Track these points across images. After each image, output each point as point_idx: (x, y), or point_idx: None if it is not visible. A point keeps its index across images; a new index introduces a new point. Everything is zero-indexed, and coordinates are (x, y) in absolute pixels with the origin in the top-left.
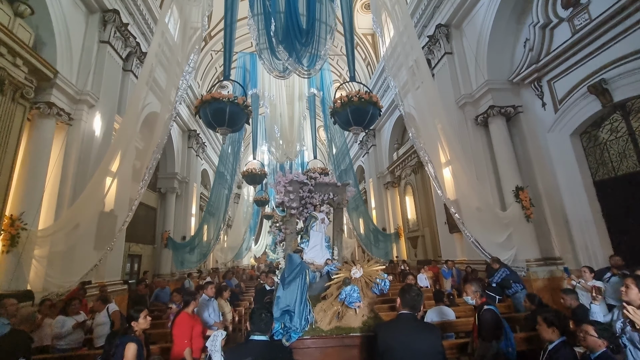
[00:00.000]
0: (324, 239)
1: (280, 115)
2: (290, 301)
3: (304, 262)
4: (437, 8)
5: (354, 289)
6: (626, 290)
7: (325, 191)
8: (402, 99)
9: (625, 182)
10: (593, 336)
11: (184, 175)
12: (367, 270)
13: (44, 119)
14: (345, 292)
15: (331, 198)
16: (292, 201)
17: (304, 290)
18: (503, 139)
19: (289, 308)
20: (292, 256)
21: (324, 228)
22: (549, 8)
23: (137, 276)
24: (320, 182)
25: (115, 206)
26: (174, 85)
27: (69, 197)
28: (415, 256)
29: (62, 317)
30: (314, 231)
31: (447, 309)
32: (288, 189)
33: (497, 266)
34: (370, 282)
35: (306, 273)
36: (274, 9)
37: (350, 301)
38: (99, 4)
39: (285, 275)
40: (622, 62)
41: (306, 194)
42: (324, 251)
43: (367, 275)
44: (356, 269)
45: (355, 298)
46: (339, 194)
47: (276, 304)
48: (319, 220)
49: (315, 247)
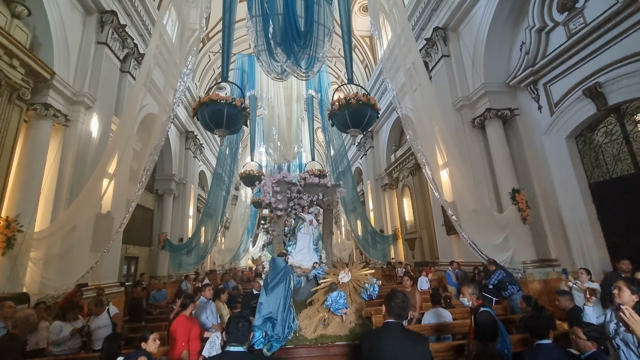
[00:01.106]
0: (312, 241)
1: (278, 117)
2: (273, 308)
3: (289, 266)
4: (434, 11)
5: (341, 295)
6: (619, 292)
7: (314, 192)
8: (399, 101)
9: (620, 185)
10: (582, 339)
11: (181, 177)
12: (356, 275)
13: (41, 121)
14: (331, 298)
15: (321, 199)
16: (280, 202)
17: (287, 296)
18: (500, 141)
19: (271, 315)
20: (276, 260)
21: (312, 230)
22: (544, 12)
23: (133, 278)
24: (310, 182)
25: (112, 208)
26: (171, 87)
27: (66, 199)
28: (413, 258)
29: (60, 322)
30: (301, 233)
31: (444, 310)
32: (275, 189)
33: (493, 268)
34: (358, 287)
35: (290, 278)
36: (272, 11)
37: (337, 308)
38: (96, 5)
39: (268, 280)
40: (617, 65)
41: (295, 194)
42: (312, 254)
43: (355, 279)
44: (344, 273)
45: (341, 304)
46: (328, 195)
47: (258, 311)
48: (307, 222)
49: (302, 250)
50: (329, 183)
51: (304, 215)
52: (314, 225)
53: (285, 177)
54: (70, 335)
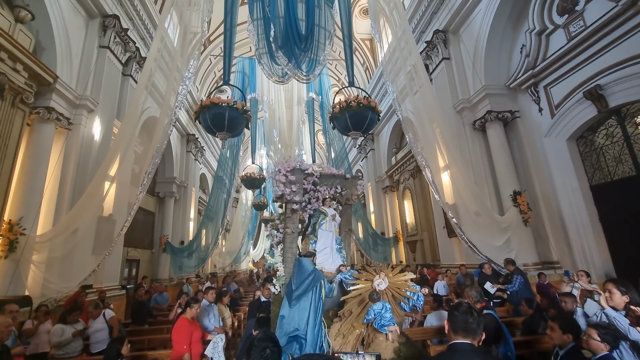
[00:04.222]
0: (335, 240)
1: (279, 120)
2: (300, 323)
3: (318, 270)
4: (434, 14)
5: (386, 307)
6: (610, 295)
7: (331, 184)
8: (399, 104)
9: (621, 187)
10: (596, 340)
11: (183, 180)
12: (394, 281)
13: (44, 124)
14: (373, 310)
15: (339, 192)
16: (295, 194)
17: (318, 308)
18: (500, 143)
19: (298, 333)
20: (302, 261)
21: (335, 226)
22: (544, 15)
23: (135, 281)
24: (326, 173)
25: (114, 211)
26: (173, 90)
27: (68, 202)
28: (414, 260)
29: (61, 325)
30: (322, 230)
31: (446, 313)
32: (290, 179)
33: (511, 268)
34: (399, 296)
35: (321, 284)
36: (274, 14)
37: (382, 324)
38: (99, 10)
39: (292, 287)
40: (617, 68)
41: (310, 186)
42: (335, 255)
43: (394, 287)
44: (380, 278)
45: (388, 320)
46: (347, 188)
47: (279, 327)
48: (329, 217)
49: (324, 249)
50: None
51: (325, 208)
52: (337, 221)
53: (300, 165)
54: (73, 337)
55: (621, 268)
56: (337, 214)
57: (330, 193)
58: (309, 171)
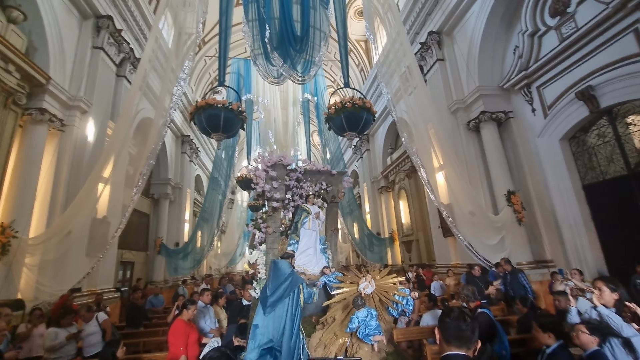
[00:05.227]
0: (319, 239)
1: (275, 120)
2: (275, 333)
3: (296, 273)
4: (429, 15)
5: (371, 315)
6: (600, 293)
7: (317, 180)
8: (394, 105)
9: (612, 186)
10: (585, 333)
11: (177, 181)
12: (381, 284)
13: (36, 125)
14: (357, 318)
15: (324, 189)
16: (276, 191)
17: (295, 317)
18: (494, 143)
19: (272, 344)
20: (278, 263)
21: (319, 225)
22: (537, 16)
23: (129, 283)
24: (311, 169)
25: (108, 213)
26: (168, 91)
27: (61, 204)
28: (410, 260)
29: (54, 329)
30: (305, 229)
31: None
32: (271, 174)
33: (509, 268)
34: (386, 301)
35: (300, 289)
36: (269, 15)
37: (367, 333)
38: (92, 10)
39: (267, 292)
40: (608, 69)
41: (294, 182)
42: (319, 256)
43: (381, 290)
44: (366, 281)
45: (373, 328)
46: (333, 185)
47: (252, 338)
48: (313, 215)
49: (307, 250)
50: (334, 170)
51: (308, 206)
52: (320, 220)
53: (282, 160)
54: (67, 341)
55: (613, 266)
56: (322, 212)
57: (315, 190)
58: (292, 167)
